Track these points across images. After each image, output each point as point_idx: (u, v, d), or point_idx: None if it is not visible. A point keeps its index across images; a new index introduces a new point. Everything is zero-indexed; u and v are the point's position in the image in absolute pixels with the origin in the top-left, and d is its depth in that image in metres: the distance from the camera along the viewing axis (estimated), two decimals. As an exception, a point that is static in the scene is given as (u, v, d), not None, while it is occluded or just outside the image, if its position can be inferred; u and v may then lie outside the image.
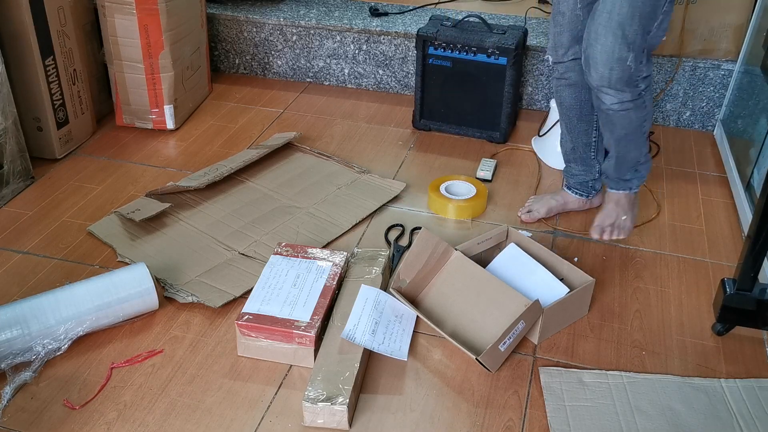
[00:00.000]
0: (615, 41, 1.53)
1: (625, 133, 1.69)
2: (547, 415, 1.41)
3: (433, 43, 2.30)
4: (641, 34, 1.53)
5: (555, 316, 1.58)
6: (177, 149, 2.31)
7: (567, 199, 1.98)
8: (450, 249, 1.67)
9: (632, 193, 1.84)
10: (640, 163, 1.79)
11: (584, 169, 1.93)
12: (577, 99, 1.82)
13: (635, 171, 1.80)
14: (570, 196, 1.98)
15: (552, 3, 1.75)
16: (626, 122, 1.66)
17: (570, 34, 1.72)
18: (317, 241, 1.87)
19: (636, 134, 1.70)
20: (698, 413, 1.43)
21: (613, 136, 1.72)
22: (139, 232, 1.88)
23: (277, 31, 2.69)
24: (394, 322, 1.57)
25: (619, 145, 1.73)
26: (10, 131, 2.00)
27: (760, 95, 2.09)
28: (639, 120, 1.67)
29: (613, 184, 1.84)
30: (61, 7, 2.11)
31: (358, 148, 2.33)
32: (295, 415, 1.40)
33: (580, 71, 1.75)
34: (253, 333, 1.50)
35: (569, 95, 1.82)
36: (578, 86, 1.79)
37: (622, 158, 1.76)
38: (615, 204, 1.85)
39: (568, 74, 1.78)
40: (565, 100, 1.84)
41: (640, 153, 1.76)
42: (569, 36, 1.72)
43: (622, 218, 1.85)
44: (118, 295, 1.56)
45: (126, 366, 1.50)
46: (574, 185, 1.97)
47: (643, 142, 1.74)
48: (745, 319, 1.57)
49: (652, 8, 1.51)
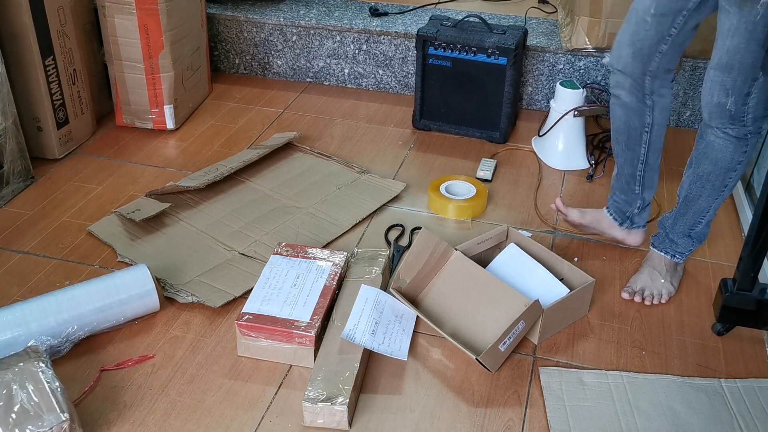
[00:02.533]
0: (713, 88, 1.46)
1: (710, 171, 1.57)
2: (547, 415, 1.41)
3: (433, 43, 2.30)
4: (743, 81, 1.43)
5: (555, 316, 1.58)
6: (177, 149, 2.31)
7: (601, 216, 1.84)
8: (450, 249, 1.67)
9: (674, 260, 1.72)
10: (698, 227, 1.67)
11: (625, 199, 1.79)
12: (626, 124, 1.67)
13: (688, 235, 1.69)
14: (605, 215, 1.84)
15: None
16: (719, 156, 1.54)
17: (631, 38, 1.55)
18: (317, 241, 1.87)
19: (718, 180, 1.58)
20: (698, 413, 1.43)
21: (696, 171, 1.60)
22: (139, 232, 1.88)
23: (277, 31, 2.69)
24: (394, 322, 1.57)
25: (695, 184, 1.61)
26: (10, 131, 2.00)
27: (760, 95, 2.09)
28: (731, 162, 1.55)
29: (659, 242, 1.73)
30: (61, 7, 2.11)
31: (358, 148, 2.33)
32: (295, 415, 1.40)
33: (631, 90, 1.61)
34: (253, 333, 1.50)
35: (620, 116, 1.67)
36: (629, 110, 1.64)
37: (688, 204, 1.64)
38: (652, 267, 1.73)
39: (618, 91, 1.63)
40: (615, 119, 1.69)
41: (707, 210, 1.64)
42: (630, 39, 1.55)
43: (660, 281, 1.71)
44: (119, 297, 1.56)
45: (115, 369, 1.50)
46: (613, 209, 1.82)
47: (716, 198, 1.61)
48: (745, 319, 1.57)
49: (756, 59, 1.40)
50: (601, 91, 2.46)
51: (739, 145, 1.54)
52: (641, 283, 1.72)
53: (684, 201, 1.66)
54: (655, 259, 1.74)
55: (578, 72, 2.49)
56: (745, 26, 1.37)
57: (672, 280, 1.73)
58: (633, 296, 1.71)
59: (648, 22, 1.51)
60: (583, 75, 2.49)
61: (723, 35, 1.42)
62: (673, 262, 1.73)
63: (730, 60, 1.42)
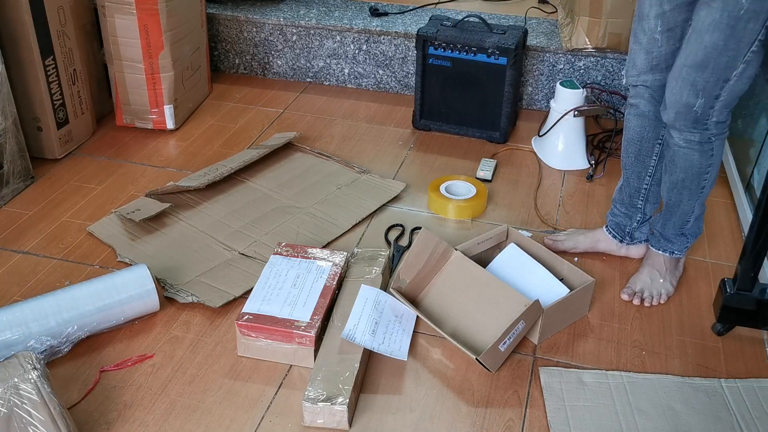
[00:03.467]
0: (684, 87, 1.45)
1: (683, 177, 1.59)
2: (547, 415, 1.41)
3: (433, 43, 2.30)
4: (715, 82, 1.43)
5: (555, 316, 1.58)
6: (177, 149, 2.31)
7: (599, 237, 1.84)
8: (450, 249, 1.67)
9: (673, 257, 1.72)
10: (687, 225, 1.67)
11: (626, 212, 1.78)
12: (639, 135, 1.67)
13: (680, 233, 1.69)
14: (604, 235, 1.84)
15: (636, 16, 1.58)
16: (687, 164, 1.56)
17: (646, 57, 1.56)
18: (317, 241, 1.87)
19: (693, 184, 1.59)
20: (698, 413, 1.43)
21: (671, 178, 1.61)
22: (139, 232, 1.88)
23: (277, 31, 2.69)
24: (394, 322, 1.57)
25: (673, 191, 1.62)
26: (10, 131, 2.00)
27: (760, 95, 2.09)
28: (700, 167, 1.56)
29: (655, 241, 1.73)
30: (61, 7, 2.11)
31: (358, 148, 2.33)
32: (295, 415, 1.40)
33: (650, 100, 1.61)
34: (253, 333, 1.50)
35: (635, 126, 1.67)
36: (646, 119, 1.64)
37: (671, 209, 1.66)
38: (651, 266, 1.73)
39: (637, 100, 1.64)
40: (629, 131, 1.69)
41: (691, 211, 1.64)
42: (645, 58, 1.57)
43: (659, 281, 1.71)
44: (119, 297, 1.56)
45: (115, 370, 1.50)
46: (612, 225, 1.83)
47: (697, 199, 1.62)
48: (745, 319, 1.57)
49: (731, 58, 1.39)
50: (601, 90, 2.45)
51: (703, 151, 1.54)
52: (641, 284, 1.72)
53: (667, 206, 1.67)
54: (654, 257, 1.74)
55: (578, 72, 2.49)
56: (726, 21, 1.36)
57: (671, 279, 1.73)
58: (632, 297, 1.71)
59: (658, 40, 1.53)
60: (583, 75, 2.49)
61: (701, 31, 1.40)
62: (673, 258, 1.73)
63: (705, 57, 1.41)
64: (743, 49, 1.38)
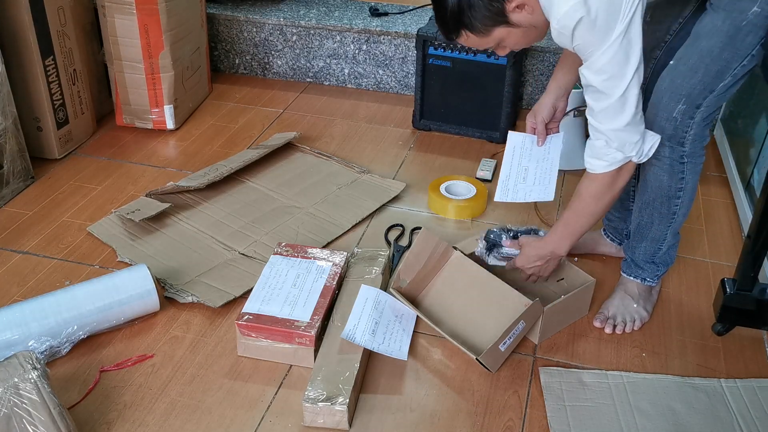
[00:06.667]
0: (667, 89, 1.42)
1: (653, 198, 1.54)
2: (547, 415, 1.41)
3: (433, 43, 2.30)
4: (700, 90, 1.39)
5: (555, 316, 1.58)
6: (177, 149, 2.31)
7: (598, 240, 1.84)
8: (450, 249, 1.67)
9: (645, 284, 1.66)
10: (659, 253, 1.61)
11: (620, 216, 1.77)
12: None
13: (651, 261, 1.63)
14: (603, 238, 1.84)
15: None
16: (657, 185, 1.51)
17: None
18: (317, 241, 1.87)
19: (663, 207, 1.53)
20: (698, 413, 1.43)
21: (642, 198, 1.56)
22: (139, 232, 1.88)
23: (277, 31, 2.69)
24: (394, 322, 1.57)
25: (644, 211, 1.57)
26: (10, 131, 2.00)
27: (760, 95, 2.09)
28: (670, 189, 1.50)
29: (626, 267, 1.67)
30: (61, 7, 2.11)
31: (358, 148, 2.33)
32: (295, 415, 1.40)
33: None
34: (253, 333, 1.50)
35: None
36: None
37: (642, 231, 1.59)
38: (624, 292, 1.66)
39: None
40: None
41: (663, 238, 1.58)
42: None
43: (633, 306, 1.64)
44: (119, 297, 1.56)
45: (115, 370, 1.50)
46: (609, 229, 1.83)
47: (669, 225, 1.56)
48: (745, 319, 1.57)
49: (722, 68, 1.37)
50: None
51: (673, 173, 1.48)
52: (613, 309, 1.65)
53: (637, 229, 1.61)
54: (627, 283, 1.67)
55: (578, 72, 2.49)
56: (727, 29, 1.34)
57: (645, 305, 1.66)
58: (605, 324, 1.64)
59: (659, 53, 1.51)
60: (583, 75, 2.49)
61: (699, 36, 1.39)
62: (645, 285, 1.66)
63: (697, 62, 1.38)
64: (736, 61, 1.37)
